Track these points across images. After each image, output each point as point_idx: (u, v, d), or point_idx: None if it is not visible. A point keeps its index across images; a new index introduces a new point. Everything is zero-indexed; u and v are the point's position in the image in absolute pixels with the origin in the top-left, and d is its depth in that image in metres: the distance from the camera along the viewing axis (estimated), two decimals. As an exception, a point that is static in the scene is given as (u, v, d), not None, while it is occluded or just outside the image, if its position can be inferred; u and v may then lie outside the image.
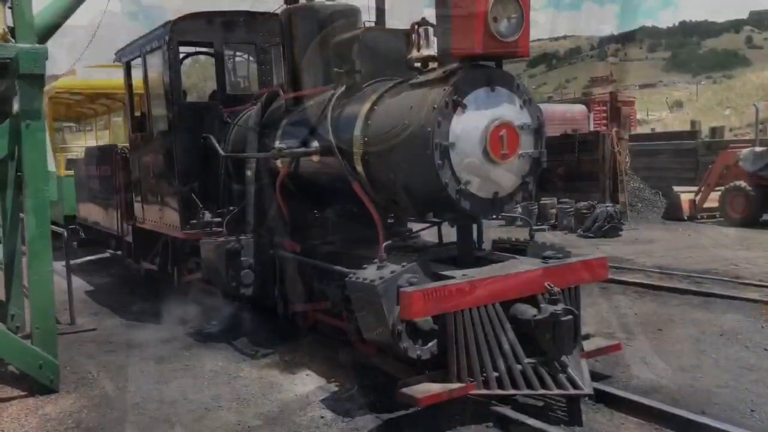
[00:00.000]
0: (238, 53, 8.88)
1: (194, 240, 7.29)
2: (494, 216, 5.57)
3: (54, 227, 6.43)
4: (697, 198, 15.67)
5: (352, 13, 6.65)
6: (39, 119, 5.25)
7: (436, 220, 5.74)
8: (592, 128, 24.44)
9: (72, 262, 8.63)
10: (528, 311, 4.69)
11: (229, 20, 8.04)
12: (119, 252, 10.96)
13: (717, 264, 10.12)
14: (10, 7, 5.37)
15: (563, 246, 5.59)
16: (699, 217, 15.66)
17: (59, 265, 8.51)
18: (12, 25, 5.50)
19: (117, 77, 11.53)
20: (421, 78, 5.15)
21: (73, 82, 13.96)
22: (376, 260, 4.86)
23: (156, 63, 7.88)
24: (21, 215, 6.14)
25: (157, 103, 8.05)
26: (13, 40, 5.54)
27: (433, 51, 5.39)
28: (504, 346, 4.57)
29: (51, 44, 6.52)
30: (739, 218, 14.36)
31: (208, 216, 7.24)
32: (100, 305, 8.94)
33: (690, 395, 5.01)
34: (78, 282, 10.10)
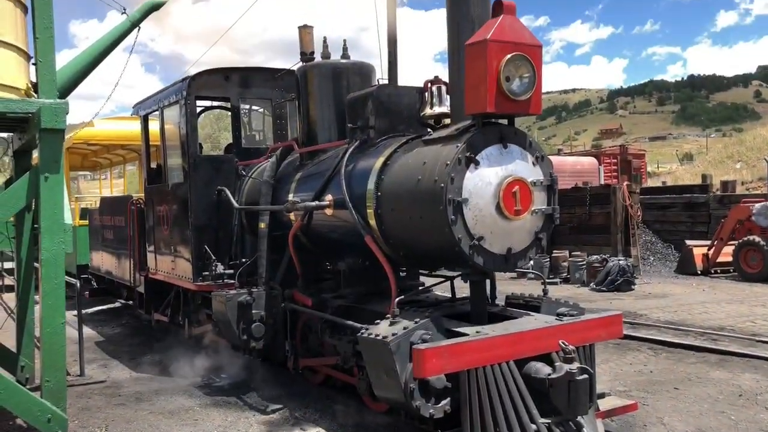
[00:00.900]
0: (254, 107, 9.05)
1: (206, 292, 7.30)
2: (507, 272, 5.55)
3: (67, 278, 6.46)
4: (710, 252, 15.57)
5: (367, 70, 6.80)
6: (58, 173, 5.32)
7: (449, 274, 5.72)
8: (602, 181, 24.52)
9: (83, 311, 8.63)
10: (542, 369, 4.62)
11: (246, 76, 8.21)
12: (131, 302, 10.97)
13: (733, 320, 9.99)
14: (34, 64, 5.51)
15: (577, 302, 5.55)
16: (713, 271, 15.53)
17: (70, 315, 8.52)
18: (35, 81, 5.65)
19: (133, 128, 11.76)
20: (435, 134, 5.22)
21: (91, 133, 14.21)
22: (388, 316, 4.83)
23: (173, 116, 8.03)
24: (36, 265, 6.18)
25: (173, 155, 8.17)
26: (35, 95, 5.67)
27: (446, 108, 5.49)
28: (518, 405, 4.49)
29: (71, 96, 6.69)
30: (754, 273, 14.23)
31: (220, 268, 7.26)
32: (110, 356, 8.90)
33: (709, 458, 4.89)
34: (89, 332, 10.10)
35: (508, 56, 4.55)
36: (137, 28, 7.65)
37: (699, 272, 15.59)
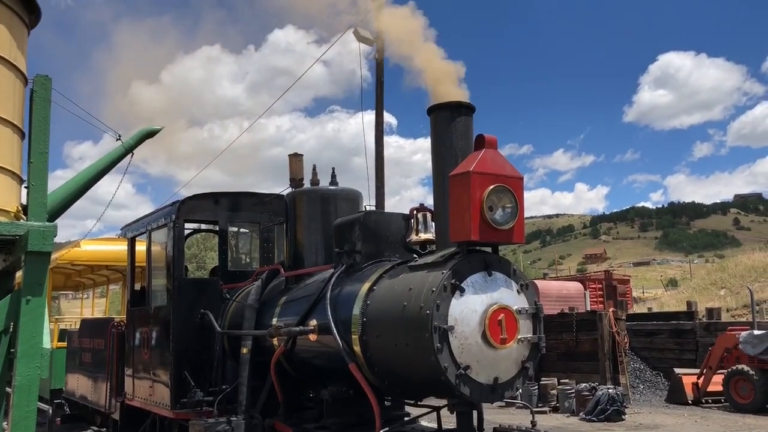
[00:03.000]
0: (242, 230, 9.13)
1: (183, 420, 7.03)
2: (494, 402, 5.43)
3: (39, 404, 6.23)
4: (700, 381, 15.33)
5: (354, 196, 6.96)
6: (40, 295, 5.28)
7: (435, 405, 5.58)
8: (588, 306, 24.49)
9: (54, 439, 8.25)
10: (532, 508, 4.42)
11: (235, 200, 8.35)
12: (104, 429, 10.51)
13: (727, 453, 9.69)
14: (26, 187, 5.60)
15: (566, 434, 5.39)
16: (703, 401, 15.23)
17: (40, 444, 8.14)
18: (25, 203, 5.72)
19: (118, 249, 11.78)
20: (420, 261, 5.26)
21: (77, 253, 14.19)
22: (372, 448, 4.66)
23: (161, 239, 8.07)
24: (8, 390, 5.97)
25: (158, 277, 8.14)
26: (24, 218, 5.72)
27: (431, 235, 5.57)
28: None
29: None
30: (745, 404, 13.96)
31: (199, 395, 7.06)
32: (78, 489, 8.42)
33: None
34: (57, 462, 9.60)
35: (491, 187, 4.70)
36: (131, 153, 7.85)
37: (690, 402, 15.28)
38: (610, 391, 13.63)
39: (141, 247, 8.93)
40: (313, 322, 5.91)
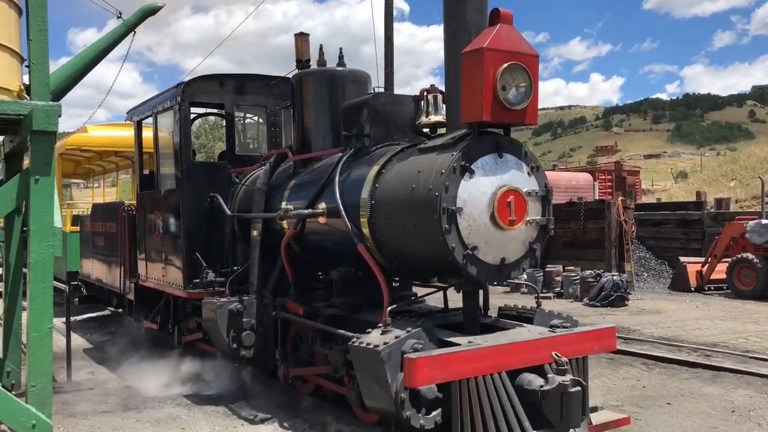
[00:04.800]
0: (248, 115, 9.01)
1: (196, 299, 7.23)
2: (501, 282, 5.51)
3: (56, 283, 6.39)
4: (704, 269, 15.56)
5: (363, 78, 6.78)
6: (49, 175, 5.25)
7: (441, 285, 5.67)
8: (597, 197, 24.53)
9: (72, 318, 8.54)
10: (535, 381, 4.57)
11: (241, 83, 8.18)
12: (120, 310, 10.87)
13: (726, 337, 9.95)
14: (27, 66, 5.47)
15: (570, 315, 5.50)
16: (706, 288, 15.51)
17: (59, 322, 8.43)
18: (28, 83, 5.60)
19: (126, 135, 11.71)
20: (430, 143, 5.19)
21: (84, 139, 14.14)
22: (380, 325, 4.78)
23: (167, 122, 7.99)
24: (24, 270, 6.10)
25: (166, 162, 8.12)
26: (27, 97, 5.62)
27: (441, 117, 5.46)
28: (510, 416, 4.43)
29: (67, 104, 6.64)
30: (747, 291, 14.21)
31: (211, 276, 7.20)
32: (98, 363, 8.80)
33: (702, 474, 4.83)
34: (77, 339, 9.99)
35: (505, 65, 4.54)
36: (132, 32, 7.61)
37: (693, 289, 15.57)
38: (614, 278, 13.85)
39: (148, 132, 8.86)
40: (322, 206, 5.93)
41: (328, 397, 6.29)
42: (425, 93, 5.60)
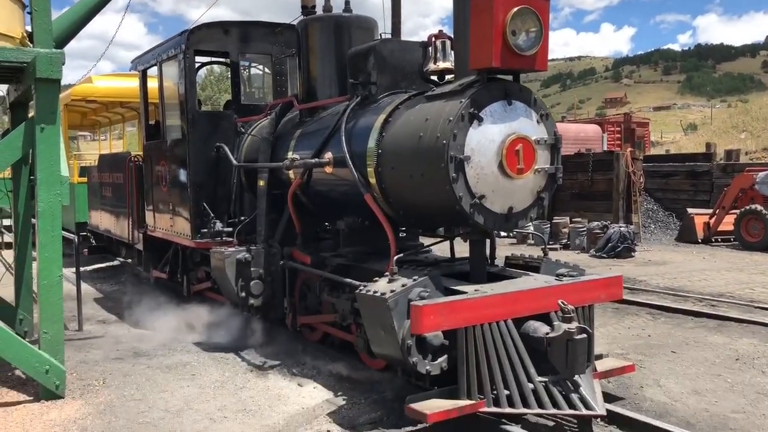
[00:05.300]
0: (253, 64, 8.90)
1: (204, 249, 7.27)
2: (508, 233, 5.51)
3: (65, 233, 6.42)
4: (712, 221, 15.51)
5: (370, 24, 6.65)
6: (54, 123, 5.24)
7: (448, 234, 5.67)
8: (605, 148, 24.35)
9: (82, 268, 8.63)
10: (541, 329, 4.61)
11: (245, 31, 8.05)
12: (129, 260, 10.97)
13: (732, 287, 9.98)
14: (29, 12, 5.39)
15: (577, 264, 5.51)
16: (713, 240, 15.49)
17: (69, 272, 8.52)
18: (30, 30, 5.53)
19: (132, 85, 11.62)
20: (438, 90, 5.12)
21: (89, 89, 14.05)
22: (387, 273, 4.80)
23: (172, 72, 7.90)
24: (33, 220, 6.14)
25: (171, 112, 8.06)
26: (30, 45, 5.56)
27: (449, 64, 5.37)
28: (515, 363, 4.48)
29: (72, 56, 6.56)
30: (755, 242, 14.19)
31: (219, 225, 7.22)
32: (109, 312, 8.92)
33: (704, 419, 4.90)
34: (87, 289, 10.12)
35: (515, 10, 4.44)
36: (135, -21, 7.45)
37: (700, 240, 15.56)
38: (621, 229, 13.85)
39: (153, 83, 8.78)
40: (329, 155, 5.89)
41: (335, 344, 6.38)
42: (433, 39, 5.49)
